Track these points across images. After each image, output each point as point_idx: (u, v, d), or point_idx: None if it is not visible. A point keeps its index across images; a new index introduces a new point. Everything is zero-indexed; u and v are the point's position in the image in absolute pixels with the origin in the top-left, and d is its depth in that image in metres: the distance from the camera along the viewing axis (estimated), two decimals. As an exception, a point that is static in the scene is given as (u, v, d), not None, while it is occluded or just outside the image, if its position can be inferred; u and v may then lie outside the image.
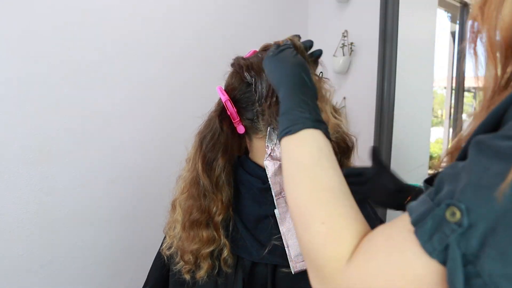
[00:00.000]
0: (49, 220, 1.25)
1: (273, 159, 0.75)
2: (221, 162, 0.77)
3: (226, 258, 0.76)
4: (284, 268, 0.74)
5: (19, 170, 1.18)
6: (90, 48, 1.29)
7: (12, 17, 1.13)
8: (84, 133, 1.30)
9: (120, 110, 1.38)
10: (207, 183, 0.76)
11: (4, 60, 1.13)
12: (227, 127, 0.78)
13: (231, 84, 0.79)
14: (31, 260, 1.22)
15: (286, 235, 0.73)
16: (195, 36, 1.56)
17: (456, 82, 1.88)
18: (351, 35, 1.80)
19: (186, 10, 1.54)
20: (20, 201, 1.19)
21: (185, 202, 0.79)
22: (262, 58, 0.77)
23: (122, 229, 1.42)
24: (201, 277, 0.76)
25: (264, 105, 0.70)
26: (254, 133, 0.78)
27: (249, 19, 1.75)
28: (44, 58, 1.20)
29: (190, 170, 0.79)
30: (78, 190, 1.30)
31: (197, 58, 1.57)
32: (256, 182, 0.78)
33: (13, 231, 1.18)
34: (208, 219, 0.76)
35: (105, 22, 1.32)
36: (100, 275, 1.38)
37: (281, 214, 0.74)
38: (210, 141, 0.77)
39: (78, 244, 1.32)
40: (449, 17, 1.94)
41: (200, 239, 0.75)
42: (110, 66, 1.35)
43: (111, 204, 1.38)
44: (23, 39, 1.16)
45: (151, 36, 1.44)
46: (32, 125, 1.20)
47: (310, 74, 0.55)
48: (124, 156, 1.40)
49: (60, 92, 1.24)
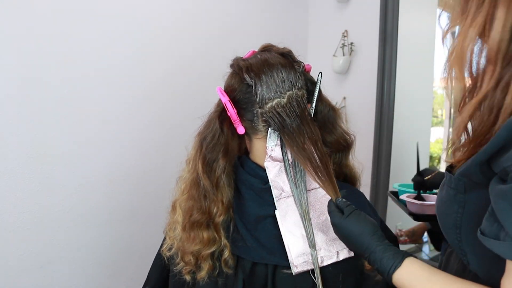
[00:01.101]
0: (49, 220, 1.25)
1: (274, 160, 0.75)
2: (221, 163, 0.77)
3: (227, 259, 0.76)
4: (284, 269, 0.74)
5: (19, 170, 1.18)
6: (90, 49, 1.29)
7: (13, 17, 1.13)
8: (84, 133, 1.30)
9: (120, 111, 1.38)
10: (208, 184, 0.76)
11: (4, 60, 1.13)
12: (227, 128, 0.78)
13: (231, 85, 0.79)
14: (31, 260, 1.22)
15: (287, 236, 0.73)
16: (194, 37, 1.56)
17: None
18: (351, 35, 1.80)
19: (185, 11, 1.53)
20: (20, 201, 1.19)
21: (186, 203, 0.79)
22: (262, 59, 0.77)
23: (122, 229, 1.42)
24: (201, 278, 0.76)
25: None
26: (254, 133, 0.78)
27: (249, 19, 1.75)
28: (44, 58, 1.20)
29: (190, 171, 0.79)
30: (78, 190, 1.30)
31: (197, 59, 1.57)
32: (257, 182, 0.78)
33: (13, 231, 1.18)
34: (209, 220, 0.76)
35: (105, 24, 1.32)
36: (100, 275, 1.38)
37: (282, 215, 0.74)
38: (210, 142, 0.77)
39: (78, 244, 1.32)
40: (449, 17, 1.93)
41: (201, 240, 0.75)
42: (111, 67, 1.35)
43: (111, 205, 1.39)
44: (24, 39, 1.16)
45: (151, 38, 1.44)
46: (32, 125, 1.20)
47: (378, 227, 0.65)
48: (124, 156, 1.40)
49: (60, 92, 1.24)
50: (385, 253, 0.60)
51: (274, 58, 0.77)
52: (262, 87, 0.74)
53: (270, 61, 0.76)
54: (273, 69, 0.75)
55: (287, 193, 0.75)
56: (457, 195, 0.58)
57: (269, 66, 0.75)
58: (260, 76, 0.74)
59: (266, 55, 0.78)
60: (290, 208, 0.74)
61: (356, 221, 0.65)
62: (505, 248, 0.46)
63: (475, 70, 0.55)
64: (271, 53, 0.79)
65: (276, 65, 0.75)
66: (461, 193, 0.58)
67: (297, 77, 0.76)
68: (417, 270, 0.57)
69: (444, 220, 0.62)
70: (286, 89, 0.74)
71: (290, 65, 0.76)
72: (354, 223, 0.65)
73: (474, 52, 0.54)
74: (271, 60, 0.76)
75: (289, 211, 0.74)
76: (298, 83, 0.75)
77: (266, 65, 0.75)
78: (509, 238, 0.45)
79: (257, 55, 0.79)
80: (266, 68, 0.75)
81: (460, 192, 0.58)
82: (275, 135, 0.75)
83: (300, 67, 0.77)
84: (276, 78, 0.74)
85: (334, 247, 0.73)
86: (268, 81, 0.74)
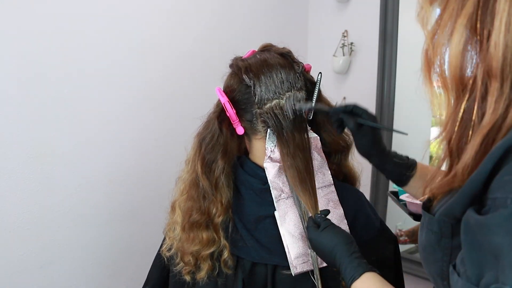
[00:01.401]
0: (49, 220, 1.25)
1: (273, 161, 0.75)
2: (220, 163, 0.77)
3: (226, 260, 0.76)
4: (284, 269, 0.74)
5: (19, 170, 1.18)
6: (90, 49, 1.29)
7: (13, 17, 1.13)
8: (84, 133, 1.30)
9: (119, 111, 1.38)
10: (207, 185, 0.76)
11: (4, 60, 1.13)
12: (226, 128, 0.78)
13: (230, 86, 0.79)
14: (31, 260, 1.22)
15: (286, 237, 0.73)
16: (194, 37, 1.56)
17: (456, 82, 1.87)
18: (351, 35, 1.80)
19: (185, 11, 1.53)
20: (20, 201, 1.19)
21: (185, 203, 0.79)
22: (261, 59, 0.77)
23: (122, 229, 1.42)
24: (201, 278, 0.76)
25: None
26: (253, 134, 0.78)
27: (249, 19, 1.75)
28: (44, 58, 1.20)
29: (189, 171, 0.79)
30: (78, 190, 1.31)
31: (196, 59, 1.57)
32: (256, 182, 0.78)
33: (13, 231, 1.18)
34: (208, 221, 0.77)
35: (105, 23, 1.32)
36: (100, 275, 1.38)
37: (281, 216, 0.74)
38: (210, 142, 0.77)
39: (78, 244, 1.32)
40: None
41: (200, 241, 0.75)
42: (110, 67, 1.35)
43: (111, 205, 1.39)
44: (23, 39, 1.16)
45: (150, 37, 1.44)
46: (32, 125, 1.20)
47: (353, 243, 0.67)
48: (124, 156, 1.40)
49: (60, 92, 1.24)
50: (349, 264, 0.62)
51: (274, 58, 0.77)
52: (261, 88, 0.74)
53: (269, 62, 0.76)
54: (272, 69, 0.74)
55: (287, 194, 0.75)
56: (442, 240, 0.47)
57: (268, 66, 0.75)
58: (259, 77, 0.74)
59: (266, 55, 0.78)
60: (290, 209, 0.74)
61: (331, 234, 0.67)
62: (458, 285, 0.40)
63: (462, 86, 0.43)
64: (270, 53, 0.78)
65: (275, 65, 0.75)
66: (446, 237, 0.46)
67: (297, 78, 0.76)
68: (371, 284, 0.60)
69: (428, 268, 0.51)
70: (285, 90, 0.74)
71: (290, 66, 0.76)
72: (328, 237, 0.66)
73: (466, 59, 0.42)
74: (270, 60, 0.76)
75: (289, 212, 0.74)
76: (297, 84, 0.75)
77: (265, 66, 0.75)
78: (465, 278, 0.39)
79: (257, 55, 0.79)
80: (265, 69, 0.75)
81: (446, 237, 0.46)
82: (274, 136, 0.75)
83: (300, 67, 0.77)
84: (275, 78, 0.74)
85: (333, 248, 0.73)
86: (267, 82, 0.74)
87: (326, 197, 0.76)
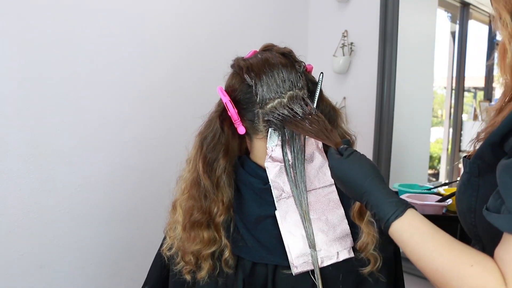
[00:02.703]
0: (49, 220, 1.25)
1: (274, 161, 0.75)
2: (222, 162, 0.77)
3: (227, 259, 0.76)
4: (284, 269, 0.74)
5: (19, 170, 1.18)
6: (91, 49, 1.29)
7: (14, 17, 1.13)
8: (85, 133, 1.30)
9: (120, 110, 1.38)
10: (208, 184, 0.76)
11: (5, 60, 1.13)
12: (227, 127, 0.78)
13: (232, 85, 0.79)
14: (31, 260, 1.22)
15: (287, 237, 0.73)
16: (195, 37, 1.56)
17: (456, 82, 1.88)
18: (351, 35, 1.80)
19: (186, 11, 1.53)
20: (20, 201, 1.19)
21: (186, 203, 0.79)
22: (262, 59, 0.77)
23: (122, 229, 1.42)
24: (202, 278, 0.76)
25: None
26: (255, 133, 0.78)
27: (249, 19, 1.75)
28: (45, 58, 1.20)
29: (190, 171, 0.79)
30: (78, 190, 1.30)
31: (198, 58, 1.57)
32: (257, 182, 0.78)
33: (13, 231, 1.18)
34: (209, 220, 0.76)
35: (106, 23, 1.32)
36: (100, 275, 1.38)
37: (282, 215, 0.74)
38: (211, 141, 0.77)
39: (78, 244, 1.32)
40: (449, 17, 1.94)
41: (201, 240, 0.75)
42: (111, 67, 1.35)
43: (111, 204, 1.38)
44: (24, 39, 1.16)
45: (152, 37, 1.44)
46: (32, 125, 1.20)
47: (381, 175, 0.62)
48: (124, 156, 1.40)
49: (60, 92, 1.24)
50: (387, 199, 0.56)
51: (275, 58, 0.77)
52: (262, 88, 0.74)
53: (271, 61, 0.76)
54: (273, 69, 0.75)
55: (288, 193, 0.75)
56: (471, 179, 0.58)
57: (270, 66, 0.75)
58: (261, 76, 0.74)
59: (267, 55, 0.78)
60: (290, 208, 0.74)
61: (356, 161, 0.61)
62: (502, 220, 0.47)
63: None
64: (272, 53, 0.79)
65: (276, 65, 0.75)
66: (475, 176, 0.57)
67: (298, 77, 0.76)
68: (420, 224, 0.54)
69: (460, 205, 0.61)
70: (287, 89, 0.74)
71: (291, 65, 0.76)
72: (354, 164, 0.61)
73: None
74: (271, 60, 0.76)
75: (289, 211, 0.74)
76: (298, 83, 0.75)
77: (267, 65, 0.75)
78: (507, 212, 0.46)
79: (258, 55, 0.79)
80: (266, 68, 0.75)
81: (474, 176, 0.58)
82: (276, 136, 0.75)
83: (301, 67, 0.77)
84: (277, 78, 0.74)
85: (334, 248, 0.73)
86: (268, 81, 0.74)
87: (327, 197, 0.76)
